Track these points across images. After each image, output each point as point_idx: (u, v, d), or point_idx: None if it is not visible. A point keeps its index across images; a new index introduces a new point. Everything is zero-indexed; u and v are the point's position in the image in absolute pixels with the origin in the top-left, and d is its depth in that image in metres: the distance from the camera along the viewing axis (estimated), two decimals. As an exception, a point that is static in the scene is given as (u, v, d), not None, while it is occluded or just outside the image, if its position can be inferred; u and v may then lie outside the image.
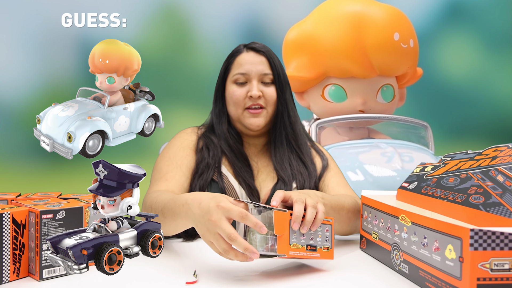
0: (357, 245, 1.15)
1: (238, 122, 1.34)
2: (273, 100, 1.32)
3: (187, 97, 2.56)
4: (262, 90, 1.31)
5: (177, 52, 2.62)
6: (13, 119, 2.52)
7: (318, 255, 0.94)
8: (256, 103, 1.30)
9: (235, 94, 1.31)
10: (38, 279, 0.87)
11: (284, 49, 2.48)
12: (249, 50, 1.34)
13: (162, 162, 1.28)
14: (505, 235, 0.73)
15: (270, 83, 1.32)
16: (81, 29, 2.39)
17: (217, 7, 2.59)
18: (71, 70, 2.47)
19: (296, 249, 0.91)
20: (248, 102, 1.31)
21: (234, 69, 1.33)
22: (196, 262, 1.03)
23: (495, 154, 0.91)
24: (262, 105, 1.31)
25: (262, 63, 1.32)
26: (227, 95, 1.34)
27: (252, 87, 1.30)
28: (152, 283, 0.89)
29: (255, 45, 1.34)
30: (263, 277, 0.93)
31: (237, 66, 1.33)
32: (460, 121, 2.88)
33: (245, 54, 1.33)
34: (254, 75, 1.31)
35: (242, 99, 1.31)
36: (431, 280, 0.82)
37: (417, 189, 1.00)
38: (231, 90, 1.32)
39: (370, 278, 0.93)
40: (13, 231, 0.87)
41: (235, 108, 1.32)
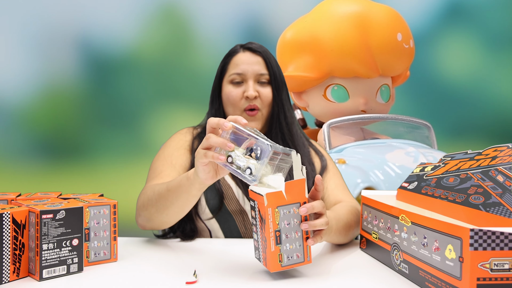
0: (357, 245, 1.15)
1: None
2: (268, 100, 1.31)
3: (187, 97, 2.56)
4: (258, 90, 1.31)
5: (176, 52, 2.62)
6: (13, 119, 2.53)
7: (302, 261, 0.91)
8: (252, 104, 1.30)
9: (232, 95, 1.31)
10: (38, 279, 0.87)
11: (282, 48, 2.47)
12: (245, 50, 1.34)
13: (157, 162, 1.28)
14: (505, 235, 0.73)
15: (267, 83, 1.32)
16: (81, 29, 2.40)
17: (216, 7, 2.59)
18: (71, 70, 2.47)
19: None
20: (244, 103, 1.30)
21: (230, 69, 1.33)
22: (196, 262, 1.03)
23: (495, 154, 0.91)
24: (257, 107, 1.30)
25: (259, 63, 1.32)
26: (223, 96, 1.34)
27: (248, 87, 1.30)
28: (152, 283, 0.89)
29: (252, 45, 1.34)
30: (263, 277, 0.93)
31: (233, 66, 1.33)
32: (460, 121, 2.89)
33: (242, 54, 1.33)
34: (250, 75, 1.31)
35: (238, 99, 1.30)
36: (431, 280, 0.82)
37: (417, 189, 1.00)
38: (228, 90, 1.32)
39: (370, 278, 0.93)
40: (13, 231, 0.87)
41: (233, 109, 1.32)
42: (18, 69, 2.42)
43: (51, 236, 0.88)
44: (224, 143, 0.87)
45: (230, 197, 1.26)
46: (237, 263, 1.02)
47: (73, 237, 0.90)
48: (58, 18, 2.40)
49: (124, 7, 2.42)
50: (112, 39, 2.42)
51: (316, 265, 1.01)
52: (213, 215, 1.24)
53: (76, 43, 2.47)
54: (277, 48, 2.49)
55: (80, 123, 2.51)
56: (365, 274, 0.96)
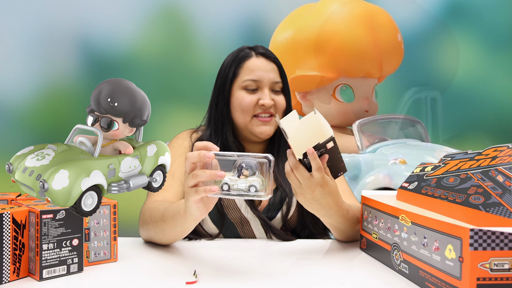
0: (357, 245, 1.15)
1: (244, 130, 1.31)
2: (283, 109, 1.30)
3: (188, 97, 2.56)
4: (273, 98, 1.28)
5: (177, 52, 2.62)
6: (14, 119, 2.52)
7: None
8: (266, 111, 1.28)
9: (245, 101, 1.27)
10: (38, 279, 0.87)
11: (287, 48, 2.46)
12: (259, 56, 1.30)
13: None
14: (505, 235, 0.73)
15: (280, 92, 1.30)
16: (81, 29, 2.40)
17: (217, 8, 2.59)
18: (72, 70, 2.47)
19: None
20: (257, 109, 1.28)
21: (243, 75, 1.29)
22: (196, 262, 1.03)
23: (495, 154, 0.91)
24: (272, 113, 1.29)
25: (274, 71, 1.29)
26: (233, 101, 1.30)
27: (264, 96, 1.27)
28: (152, 283, 0.89)
29: (265, 51, 1.31)
30: (263, 277, 0.93)
31: (247, 71, 1.29)
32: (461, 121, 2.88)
33: (256, 60, 1.29)
34: (266, 82, 1.28)
35: (252, 106, 1.27)
36: (431, 280, 0.82)
37: (417, 189, 1.00)
38: (240, 96, 1.28)
39: (370, 278, 0.93)
40: (13, 231, 0.87)
41: (243, 115, 1.28)
42: (19, 69, 2.42)
43: (51, 236, 0.88)
44: (215, 174, 0.85)
45: (231, 207, 1.25)
46: (237, 263, 1.02)
47: (73, 237, 0.90)
48: (58, 18, 2.40)
49: (124, 7, 2.42)
50: (112, 39, 2.42)
51: (316, 265, 1.02)
52: (215, 226, 1.25)
53: (77, 43, 2.47)
54: (279, 47, 2.47)
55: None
56: (365, 274, 0.96)
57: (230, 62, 1.31)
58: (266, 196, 0.86)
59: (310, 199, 0.99)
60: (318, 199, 0.99)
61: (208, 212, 0.93)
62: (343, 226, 1.10)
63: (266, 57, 1.30)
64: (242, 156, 0.87)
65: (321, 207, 1.01)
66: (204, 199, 0.91)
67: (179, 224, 1.01)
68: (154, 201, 1.17)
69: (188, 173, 0.88)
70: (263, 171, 0.87)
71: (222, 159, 0.88)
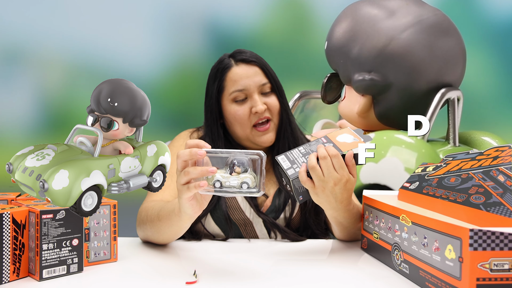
0: (358, 245, 1.15)
1: (246, 140, 1.28)
2: (277, 109, 1.27)
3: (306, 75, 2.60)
4: (265, 102, 1.25)
5: (297, 35, 2.69)
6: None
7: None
8: (262, 117, 1.25)
9: (238, 114, 1.25)
10: (38, 279, 0.87)
11: None
12: (238, 63, 1.26)
13: None
14: (505, 235, 0.73)
15: (270, 92, 1.27)
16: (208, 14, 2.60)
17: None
18: (200, 51, 2.57)
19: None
20: (253, 118, 1.25)
21: (229, 87, 1.25)
22: (196, 262, 1.03)
23: (496, 154, 0.90)
24: (269, 117, 1.26)
25: (258, 74, 1.26)
26: (228, 116, 1.27)
27: (255, 102, 1.24)
28: (152, 283, 0.89)
29: (244, 56, 1.27)
30: (263, 277, 0.93)
31: (231, 83, 1.25)
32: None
33: (236, 68, 1.25)
34: (253, 88, 1.25)
35: (247, 117, 1.25)
36: (431, 280, 0.82)
37: (419, 189, 1.00)
38: (233, 111, 1.25)
39: (371, 278, 0.93)
40: (13, 231, 0.87)
41: (242, 128, 1.26)
42: (151, 50, 2.53)
43: (51, 236, 0.88)
44: (207, 170, 0.86)
45: (234, 207, 1.25)
46: (237, 263, 1.02)
47: (73, 237, 0.90)
48: (187, 3, 2.54)
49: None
50: (238, 23, 2.56)
51: (317, 265, 1.01)
52: (219, 227, 1.25)
53: (205, 26, 2.61)
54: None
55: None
56: (366, 274, 0.95)
57: (213, 77, 1.28)
58: (258, 193, 0.86)
59: (328, 192, 1.00)
60: (336, 193, 1.00)
61: (202, 210, 0.93)
62: (347, 221, 1.09)
63: (246, 62, 1.26)
64: (233, 153, 0.87)
65: (335, 200, 1.01)
66: (197, 197, 0.91)
67: (174, 223, 1.01)
68: (152, 201, 1.18)
69: (180, 171, 0.89)
70: (255, 168, 0.87)
71: (213, 156, 0.88)
